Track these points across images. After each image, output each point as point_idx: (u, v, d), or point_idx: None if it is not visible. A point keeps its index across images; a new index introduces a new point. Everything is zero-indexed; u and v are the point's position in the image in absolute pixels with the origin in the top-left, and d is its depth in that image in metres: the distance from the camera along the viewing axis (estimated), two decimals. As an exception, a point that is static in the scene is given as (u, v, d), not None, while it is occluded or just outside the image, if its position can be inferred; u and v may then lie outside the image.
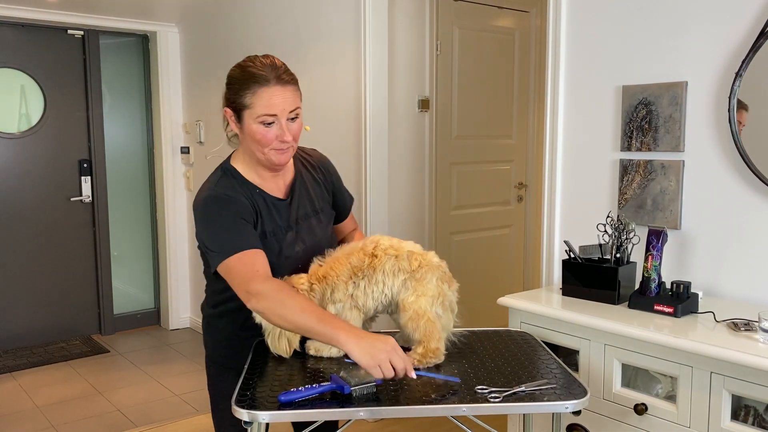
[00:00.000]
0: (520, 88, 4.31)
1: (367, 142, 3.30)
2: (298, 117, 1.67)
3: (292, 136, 1.65)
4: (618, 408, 1.83)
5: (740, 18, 1.98)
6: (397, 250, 1.62)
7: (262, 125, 1.62)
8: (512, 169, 4.33)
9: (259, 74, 1.62)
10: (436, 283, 1.59)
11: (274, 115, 1.62)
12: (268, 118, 1.61)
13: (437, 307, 1.58)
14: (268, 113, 1.61)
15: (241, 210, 1.65)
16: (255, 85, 1.61)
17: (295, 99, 1.65)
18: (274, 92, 1.61)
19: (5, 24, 4.40)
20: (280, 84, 1.62)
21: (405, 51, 3.69)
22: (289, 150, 1.68)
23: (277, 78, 1.62)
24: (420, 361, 1.54)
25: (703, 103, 2.09)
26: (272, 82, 1.61)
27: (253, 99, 1.61)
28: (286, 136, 1.63)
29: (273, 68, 1.65)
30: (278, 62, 1.69)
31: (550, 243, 2.57)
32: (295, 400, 1.34)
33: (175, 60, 4.92)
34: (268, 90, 1.61)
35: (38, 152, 4.60)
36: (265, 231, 1.70)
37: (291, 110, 1.64)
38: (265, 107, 1.61)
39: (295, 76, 1.69)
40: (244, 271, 1.57)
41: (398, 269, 1.59)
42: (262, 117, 1.61)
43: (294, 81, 1.67)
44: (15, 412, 3.56)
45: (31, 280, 4.63)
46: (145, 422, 3.43)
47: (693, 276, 2.15)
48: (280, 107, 1.61)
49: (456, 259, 4.07)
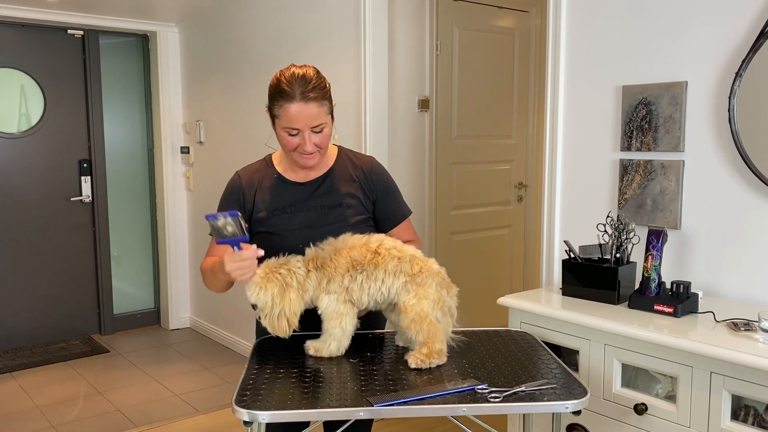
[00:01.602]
0: (520, 88, 4.31)
1: (367, 142, 3.30)
2: (323, 130, 1.77)
3: (314, 146, 1.77)
4: (618, 408, 1.83)
5: (740, 18, 1.99)
6: (400, 252, 1.66)
7: (287, 134, 1.77)
8: (512, 169, 4.33)
9: (285, 90, 1.74)
10: (435, 288, 1.62)
11: (297, 129, 1.74)
12: (292, 131, 1.75)
13: (437, 311, 1.61)
14: (290, 126, 1.75)
15: (233, 191, 1.90)
16: (281, 99, 1.74)
17: (318, 115, 1.74)
18: (296, 109, 1.73)
19: (5, 24, 4.40)
20: (303, 101, 1.72)
21: (405, 51, 3.69)
22: (314, 155, 1.80)
23: (301, 94, 1.72)
24: (424, 360, 1.55)
25: (703, 103, 2.10)
26: (296, 99, 1.72)
27: (280, 111, 1.75)
28: (307, 147, 1.76)
29: (301, 83, 1.73)
30: (309, 75, 1.76)
31: (550, 243, 2.57)
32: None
33: (175, 60, 4.92)
34: (292, 106, 1.73)
35: (38, 152, 4.60)
36: (271, 210, 1.87)
37: (314, 126, 1.74)
38: (288, 121, 1.74)
39: (325, 90, 1.77)
40: (207, 252, 1.93)
41: (400, 271, 1.62)
42: (287, 128, 1.76)
43: (319, 97, 1.75)
44: (15, 412, 3.56)
45: (32, 280, 4.63)
46: (145, 422, 3.43)
47: (693, 276, 2.15)
48: (302, 123, 1.74)
49: (456, 259, 4.07)
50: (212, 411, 3.55)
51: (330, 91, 1.80)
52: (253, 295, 1.62)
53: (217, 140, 4.56)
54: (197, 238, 4.98)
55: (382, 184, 1.94)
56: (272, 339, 1.78)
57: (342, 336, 1.63)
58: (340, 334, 1.63)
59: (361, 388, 1.42)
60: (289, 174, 1.91)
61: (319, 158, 1.82)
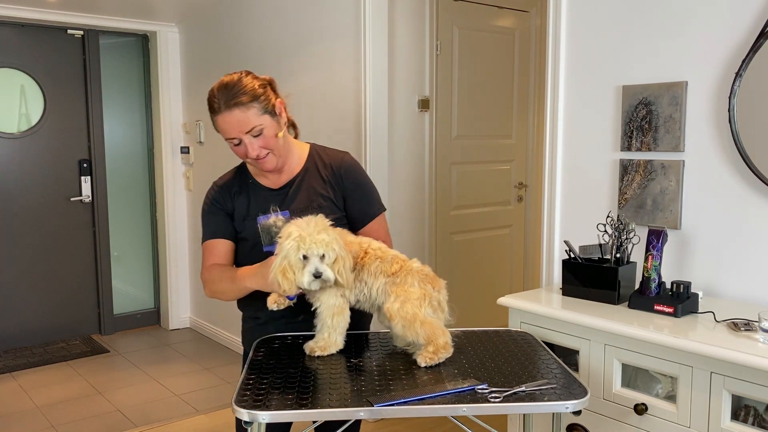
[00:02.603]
0: (520, 88, 4.31)
1: (367, 142, 3.30)
2: (261, 132, 1.74)
3: (259, 150, 1.75)
4: (618, 408, 1.83)
5: (740, 18, 1.98)
6: (384, 252, 1.65)
7: (231, 144, 1.77)
8: (512, 169, 4.33)
9: (211, 104, 1.75)
10: (418, 285, 1.59)
11: (234, 138, 1.74)
12: (233, 140, 1.75)
13: (426, 308, 1.58)
14: (228, 137, 1.75)
15: (214, 199, 1.89)
16: (212, 114, 1.76)
17: (246, 119, 1.72)
18: (223, 119, 1.73)
19: (5, 24, 4.40)
20: (228, 110, 1.71)
21: (405, 51, 3.69)
22: (268, 158, 1.78)
23: (225, 104, 1.72)
24: (432, 358, 1.55)
25: (703, 103, 2.09)
26: (222, 110, 1.72)
27: (216, 126, 1.77)
28: (250, 153, 1.75)
29: (223, 93, 1.72)
30: (232, 82, 1.73)
31: (550, 243, 2.57)
32: None
33: (175, 60, 4.92)
34: (219, 118, 1.74)
35: (38, 152, 4.60)
36: (247, 214, 1.85)
37: (247, 131, 1.72)
38: (223, 132, 1.76)
39: (250, 93, 1.72)
40: (203, 260, 1.90)
41: (380, 271, 1.62)
42: (227, 140, 1.76)
43: (242, 102, 1.71)
44: (15, 412, 3.56)
45: (31, 280, 4.63)
46: (145, 422, 3.43)
47: (693, 276, 2.15)
48: (233, 131, 1.73)
49: (456, 259, 4.07)
50: (212, 411, 3.55)
51: (262, 89, 1.74)
52: (330, 243, 1.54)
53: (217, 140, 4.56)
54: (197, 238, 4.98)
55: (352, 182, 1.89)
56: (272, 339, 1.78)
57: (344, 329, 1.64)
58: (344, 326, 1.63)
59: (361, 388, 1.42)
60: (261, 179, 1.89)
61: (275, 159, 1.79)
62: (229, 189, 1.89)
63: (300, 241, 1.52)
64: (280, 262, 1.54)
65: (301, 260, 1.53)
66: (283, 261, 1.53)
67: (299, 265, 1.53)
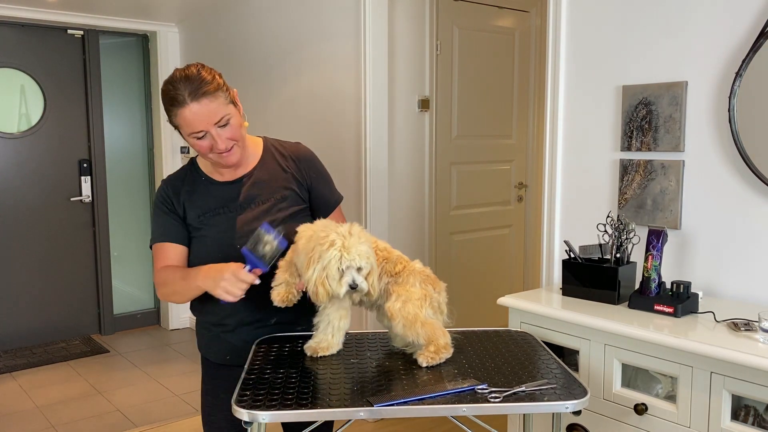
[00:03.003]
0: (520, 88, 4.31)
1: (367, 142, 3.30)
2: (228, 122, 1.69)
3: (226, 141, 1.69)
4: (618, 408, 1.83)
5: (740, 18, 1.98)
6: (390, 253, 1.65)
7: (195, 139, 1.69)
8: (512, 169, 4.33)
9: (174, 96, 1.65)
10: (419, 285, 1.59)
11: (201, 131, 1.66)
12: (198, 134, 1.67)
13: (426, 309, 1.57)
14: (192, 131, 1.67)
15: (165, 198, 1.82)
16: (174, 107, 1.66)
17: (216, 109, 1.66)
18: (191, 111, 1.64)
19: (5, 24, 4.40)
20: (195, 100, 1.63)
21: (405, 51, 3.69)
22: (233, 150, 1.73)
23: (191, 95, 1.63)
24: (434, 358, 1.55)
25: (703, 103, 2.09)
26: (188, 101, 1.63)
27: (178, 120, 1.68)
28: (218, 145, 1.68)
29: (187, 84, 1.64)
30: (192, 73, 1.66)
31: (550, 243, 2.57)
32: None
33: (175, 60, 4.92)
34: (186, 110, 1.64)
35: (38, 152, 4.60)
36: (199, 213, 1.80)
37: (216, 121, 1.66)
38: (188, 126, 1.67)
39: (214, 82, 1.67)
40: (154, 263, 1.84)
41: (384, 271, 1.61)
42: (192, 134, 1.68)
43: (209, 91, 1.65)
44: (15, 412, 3.56)
45: (31, 280, 4.63)
46: (145, 422, 3.42)
47: (693, 276, 2.15)
48: (203, 123, 1.65)
49: (456, 259, 4.07)
50: (212, 411, 3.55)
51: (221, 81, 1.69)
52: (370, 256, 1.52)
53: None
54: (197, 238, 4.97)
55: (314, 170, 1.88)
56: (271, 339, 1.78)
57: (345, 329, 1.64)
58: (345, 326, 1.63)
59: (361, 388, 1.42)
60: (215, 175, 1.83)
61: (239, 152, 1.74)
62: (180, 188, 1.83)
63: (344, 252, 1.48)
64: (320, 273, 1.49)
65: (340, 270, 1.50)
66: (323, 271, 1.49)
67: (337, 275, 1.50)
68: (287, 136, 3.94)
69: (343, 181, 3.49)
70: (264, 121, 4.03)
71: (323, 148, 3.68)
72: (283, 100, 3.87)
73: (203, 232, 1.79)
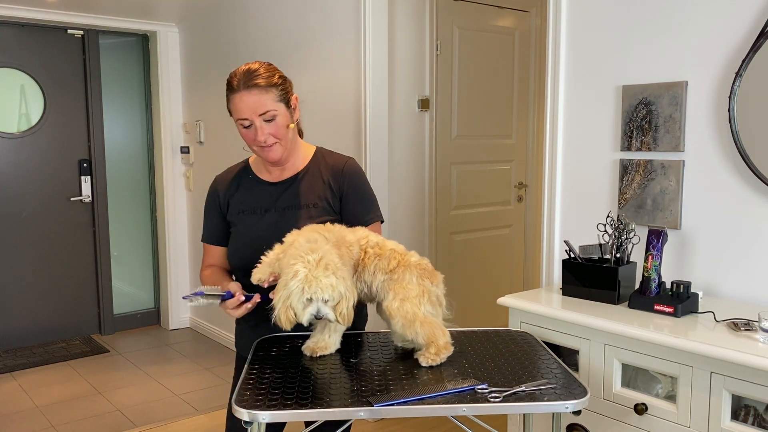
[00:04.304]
0: (520, 88, 4.31)
1: (367, 142, 3.30)
2: (274, 118, 1.77)
3: (267, 136, 1.77)
4: (618, 408, 1.83)
5: (740, 18, 1.98)
6: (381, 248, 1.63)
7: (242, 126, 1.79)
8: (512, 169, 4.33)
9: (230, 82, 1.78)
10: (416, 281, 1.57)
11: (246, 119, 1.76)
12: (244, 122, 1.77)
13: (425, 305, 1.56)
14: (239, 117, 1.78)
15: (214, 194, 1.96)
16: (229, 93, 1.79)
17: (263, 101, 1.75)
18: (240, 98, 1.76)
19: (5, 24, 4.40)
20: (246, 89, 1.75)
21: (405, 51, 3.69)
22: (274, 147, 1.80)
23: (244, 83, 1.75)
24: (435, 359, 1.54)
25: (703, 103, 2.09)
26: (241, 89, 1.75)
27: (230, 105, 1.80)
28: (259, 137, 1.77)
29: (245, 75, 1.76)
30: (254, 67, 1.79)
31: (550, 243, 2.57)
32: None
33: (175, 60, 4.92)
34: (236, 97, 1.76)
35: (38, 152, 4.60)
36: (240, 209, 1.90)
37: (261, 113, 1.75)
38: (237, 112, 1.78)
39: (271, 78, 1.77)
40: (203, 258, 2.02)
41: (379, 269, 1.60)
42: (239, 120, 1.78)
43: (262, 84, 1.75)
44: (15, 412, 3.56)
45: (31, 280, 4.63)
46: (145, 422, 3.43)
47: (693, 276, 2.15)
48: (247, 111, 1.75)
49: (456, 259, 4.07)
50: (212, 411, 3.55)
51: (281, 80, 1.79)
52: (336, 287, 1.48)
53: (217, 140, 4.56)
54: (197, 238, 4.97)
55: (352, 184, 1.89)
56: (272, 339, 1.78)
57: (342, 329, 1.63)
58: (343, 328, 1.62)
59: (361, 388, 1.42)
60: (263, 174, 1.92)
61: (281, 150, 1.81)
62: (227, 185, 1.95)
63: (305, 285, 1.46)
64: (283, 302, 1.48)
65: (305, 302, 1.48)
66: (286, 301, 1.48)
67: (300, 305, 1.48)
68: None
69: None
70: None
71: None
72: (283, 100, 3.87)
73: (238, 228, 1.90)
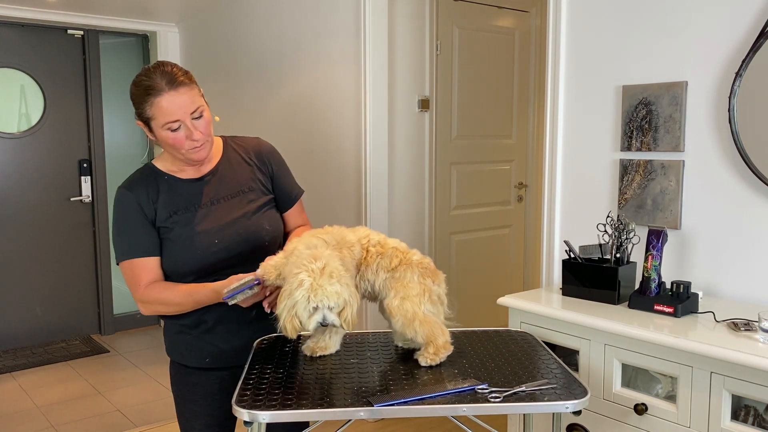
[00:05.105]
0: (520, 88, 4.31)
1: (367, 142, 3.30)
2: (202, 115, 1.72)
3: (200, 133, 1.70)
4: (618, 408, 1.83)
5: (740, 18, 1.98)
6: (383, 247, 1.62)
7: (170, 131, 1.68)
8: (512, 169, 4.33)
9: (151, 85, 1.66)
10: (417, 280, 1.57)
11: (177, 120, 1.67)
12: (173, 125, 1.67)
13: (426, 304, 1.56)
14: (168, 120, 1.67)
15: (137, 206, 1.75)
16: (150, 96, 1.67)
17: (192, 99, 1.69)
18: (169, 99, 1.66)
19: (5, 24, 4.40)
20: (173, 89, 1.66)
21: (405, 51, 3.69)
22: (205, 145, 1.74)
23: (169, 84, 1.66)
24: (434, 359, 1.54)
25: (703, 103, 2.09)
26: (165, 90, 1.66)
27: (153, 110, 1.67)
28: (194, 135, 1.69)
29: (163, 75, 1.67)
30: (168, 68, 1.70)
31: (550, 243, 2.57)
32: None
33: (175, 60, 4.92)
34: (163, 98, 1.66)
35: (38, 152, 4.60)
36: (170, 212, 1.77)
37: (192, 111, 1.69)
38: (166, 115, 1.66)
39: (190, 76, 1.72)
40: (130, 281, 1.76)
41: (381, 267, 1.60)
42: (167, 125, 1.67)
43: (186, 82, 1.69)
44: (15, 412, 3.56)
45: (31, 280, 4.63)
46: (145, 422, 3.42)
47: (693, 276, 2.15)
48: (179, 112, 1.67)
49: (456, 259, 4.07)
50: (212, 411, 3.55)
51: (192, 76, 1.73)
52: (341, 294, 1.47)
53: (217, 140, 4.55)
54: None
55: (276, 162, 1.92)
56: (272, 339, 1.78)
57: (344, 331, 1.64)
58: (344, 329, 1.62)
59: (361, 388, 1.42)
60: (179, 173, 1.81)
61: (209, 147, 1.76)
62: (145, 190, 1.77)
63: (312, 293, 1.45)
64: (288, 312, 1.47)
65: (310, 310, 1.47)
66: (291, 310, 1.47)
67: (306, 314, 1.47)
68: (287, 136, 3.95)
69: (343, 180, 3.49)
70: (264, 121, 4.03)
71: (323, 148, 3.68)
72: (282, 99, 3.87)
73: (175, 232, 1.75)
